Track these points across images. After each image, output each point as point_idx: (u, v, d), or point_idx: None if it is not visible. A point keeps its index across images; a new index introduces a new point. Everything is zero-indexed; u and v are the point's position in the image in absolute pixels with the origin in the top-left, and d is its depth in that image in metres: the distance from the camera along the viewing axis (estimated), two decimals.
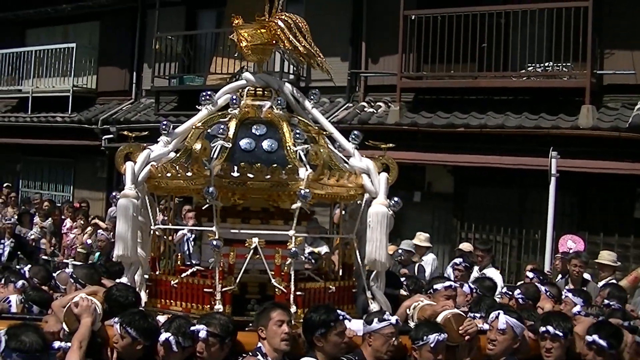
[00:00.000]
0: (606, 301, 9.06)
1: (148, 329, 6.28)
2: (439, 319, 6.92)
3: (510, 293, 9.11)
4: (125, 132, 7.79)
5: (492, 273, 12.08)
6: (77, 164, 24.40)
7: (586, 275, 12.18)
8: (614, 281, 11.92)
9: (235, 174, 7.07)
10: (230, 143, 7.29)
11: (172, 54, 21.43)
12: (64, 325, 6.30)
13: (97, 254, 15.10)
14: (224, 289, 7.03)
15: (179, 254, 8.45)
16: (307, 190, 7.09)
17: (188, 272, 7.48)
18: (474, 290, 8.83)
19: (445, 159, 16.81)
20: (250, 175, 7.08)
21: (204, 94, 8.08)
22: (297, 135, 7.47)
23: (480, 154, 16.23)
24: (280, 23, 7.91)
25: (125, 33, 23.30)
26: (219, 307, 6.95)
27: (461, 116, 16.75)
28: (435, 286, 7.86)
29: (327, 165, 7.45)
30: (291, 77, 19.42)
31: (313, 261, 9.50)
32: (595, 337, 6.67)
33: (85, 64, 24.29)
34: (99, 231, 15.65)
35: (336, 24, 18.88)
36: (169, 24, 21.34)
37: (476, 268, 12.71)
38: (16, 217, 18.10)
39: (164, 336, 6.22)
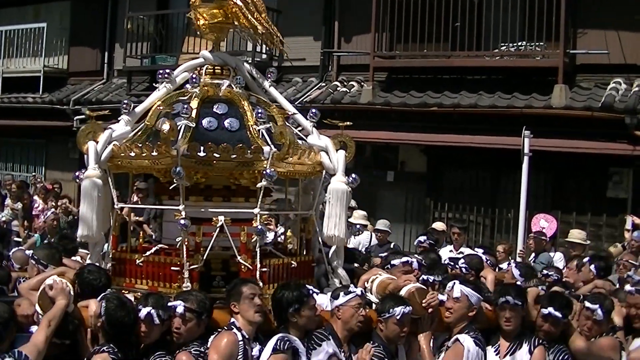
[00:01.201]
0: (545, 271, 9.54)
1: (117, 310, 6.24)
2: (403, 292, 7.06)
3: (452, 263, 9.28)
4: (87, 112, 7.72)
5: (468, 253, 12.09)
6: (48, 145, 24.23)
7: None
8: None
9: (202, 154, 7.07)
10: (194, 123, 7.26)
11: (144, 33, 21.29)
12: (38, 308, 6.22)
13: (37, 235, 15.04)
14: (191, 267, 7.02)
15: (141, 232, 8.43)
16: (273, 169, 7.16)
17: (152, 251, 7.42)
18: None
19: (418, 138, 16.80)
20: (217, 155, 7.11)
21: (163, 72, 8.03)
22: (260, 114, 7.44)
23: (454, 133, 16.27)
24: (238, 2, 7.87)
25: (97, 13, 23.12)
26: (187, 284, 6.93)
27: (434, 95, 16.75)
28: (392, 262, 8.10)
29: (293, 144, 7.51)
30: (264, 56, 19.37)
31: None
32: (550, 309, 6.97)
33: (57, 44, 24.07)
34: (47, 211, 15.59)
35: (309, 3, 18.90)
36: (140, 4, 21.17)
37: (449, 247, 12.75)
38: None
39: (145, 311, 6.19)
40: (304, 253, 8.05)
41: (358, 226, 11.78)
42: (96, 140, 7.32)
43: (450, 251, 12.40)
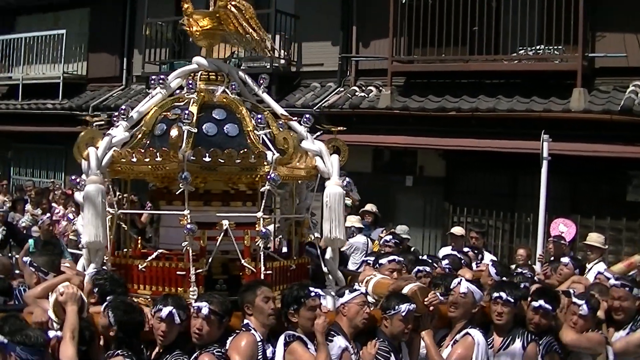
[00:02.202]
0: (519, 269, 9.84)
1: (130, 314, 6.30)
2: (405, 291, 7.34)
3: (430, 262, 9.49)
4: (87, 118, 7.74)
5: (488, 257, 12.07)
6: (68, 151, 24.11)
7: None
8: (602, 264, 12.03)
9: (207, 159, 7.17)
10: (195, 128, 7.33)
11: (162, 39, 21.34)
12: (52, 316, 6.20)
13: (31, 240, 14.99)
14: (198, 271, 7.11)
15: (139, 238, 8.39)
16: (277, 174, 7.30)
17: (153, 256, 7.47)
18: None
19: (436, 143, 16.78)
20: (222, 160, 7.21)
21: (157, 77, 8.14)
22: (259, 120, 7.63)
23: (472, 137, 16.21)
24: (232, 9, 8.08)
25: (115, 19, 23.22)
26: (194, 289, 7.02)
27: (452, 100, 16.73)
28: (380, 261, 8.69)
29: (297, 149, 7.75)
30: (282, 61, 19.39)
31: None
32: (541, 302, 7.42)
33: (76, 50, 24.24)
34: (47, 215, 15.61)
35: (327, 8, 18.90)
36: (158, 10, 21.23)
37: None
38: (9, 204, 18.03)
39: (166, 310, 6.25)
40: (298, 256, 8.20)
41: (352, 229, 11.97)
42: (96, 146, 7.34)
43: None
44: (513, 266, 10.96)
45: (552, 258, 12.76)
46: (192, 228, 7.02)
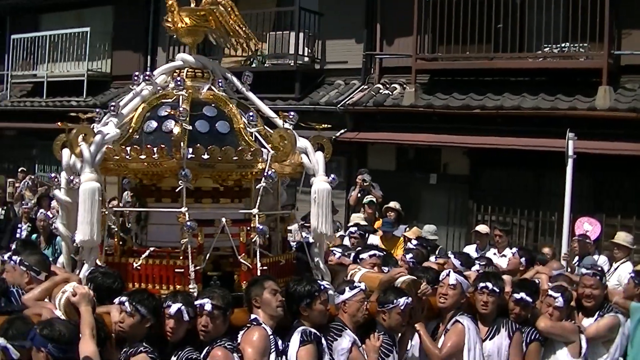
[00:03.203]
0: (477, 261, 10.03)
1: (157, 307, 6.29)
2: (398, 284, 7.56)
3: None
4: (80, 115, 7.72)
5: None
6: None
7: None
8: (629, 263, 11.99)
9: (206, 157, 7.20)
10: (190, 125, 7.31)
11: None
12: (62, 316, 6.05)
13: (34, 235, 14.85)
14: (196, 268, 7.11)
15: (130, 236, 8.23)
16: (274, 171, 7.44)
17: (146, 254, 7.37)
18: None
19: (461, 140, 16.73)
20: (220, 158, 7.27)
21: (144, 74, 8.12)
22: (252, 118, 7.72)
23: (496, 135, 16.15)
24: (220, 7, 8.13)
25: (139, 16, 23.29)
26: (193, 286, 7.02)
27: (477, 97, 16.68)
28: (361, 255, 8.99)
29: (294, 147, 7.81)
30: (306, 59, 19.39)
31: None
32: (522, 294, 7.82)
33: (100, 48, 24.37)
34: (40, 210, 15.54)
35: (351, 6, 18.90)
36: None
37: (493, 250, 12.64)
38: (34, 201, 18.08)
39: (175, 307, 6.26)
40: (282, 251, 8.27)
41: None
42: (88, 143, 7.26)
43: (494, 254, 12.28)
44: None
45: (577, 257, 12.72)
46: (192, 225, 7.02)
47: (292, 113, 8.14)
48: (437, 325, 7.87)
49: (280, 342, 6.76)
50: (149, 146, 7.25)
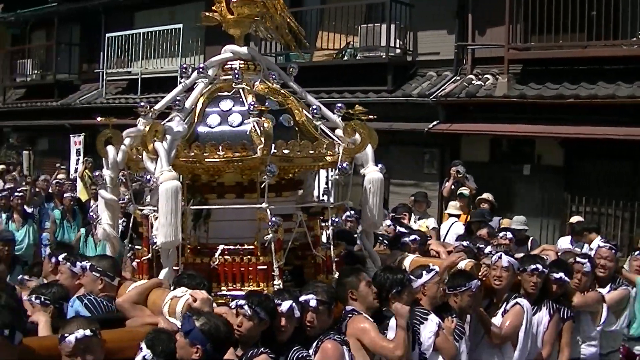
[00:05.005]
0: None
1: (274, 308, 6.25)
2: (461, 267, 8.10)
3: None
4: (143, 109, 7.82)
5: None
6: None
7: None
8: None
9: (286, 151, 7.24)
10: (275, 120, 7.33)
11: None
12: (178, 323, 5.97)
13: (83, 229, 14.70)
14: (279, 264, 7.10)
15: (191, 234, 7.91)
16: (347, 163, 7.58)
17: (219, 251, 7.27)
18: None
19: (555, 131, 16.50)
20: (299, 152, 7.35)
21: (198, 67, 8.12)
22: (315, 111, 7.80)
23: (591, 125, 15.89)
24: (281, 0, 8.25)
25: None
26: (278, 282, 7.02)
27: (570, 87, 16.43)
28: (402, 240, 9.59)
29: (367, 139, 7.98)
30: (397, 51, 19.36)
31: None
32: (561, 274, 8.37)
33: (192, 44, 24.66)
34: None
35: None
36: None
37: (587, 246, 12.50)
38: (128, 196, 18.32)
39: (287, 304, 6.27)
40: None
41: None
42: (160, 140, 7.19)
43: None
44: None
45: None
46: (277, 221, 6.99)
47: (340, 104, 8.20)
48: (489, 304, 8.31)
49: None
50: (228, 142, 7.17)
